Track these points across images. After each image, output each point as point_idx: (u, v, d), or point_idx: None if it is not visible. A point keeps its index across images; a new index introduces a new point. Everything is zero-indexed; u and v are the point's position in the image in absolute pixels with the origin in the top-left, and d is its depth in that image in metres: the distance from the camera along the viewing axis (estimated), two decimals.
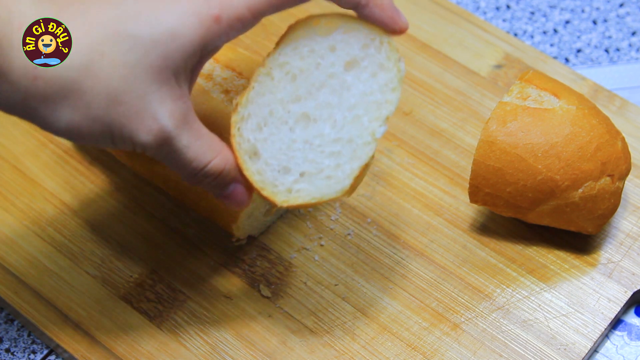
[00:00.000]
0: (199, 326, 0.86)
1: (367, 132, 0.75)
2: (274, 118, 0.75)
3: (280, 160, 0.75)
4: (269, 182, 0.75)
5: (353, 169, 0.75)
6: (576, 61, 1.07)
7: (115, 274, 0.89)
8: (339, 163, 0.75)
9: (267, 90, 0.75)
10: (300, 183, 0.75)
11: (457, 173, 0.94)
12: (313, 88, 0.75)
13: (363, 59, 0.75)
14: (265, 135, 0.75)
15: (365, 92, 0.75)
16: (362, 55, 0.75)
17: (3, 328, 0.89)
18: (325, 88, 0.75)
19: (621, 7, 1.11)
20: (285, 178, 0.75)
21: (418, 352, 0.84)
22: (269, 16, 0.75)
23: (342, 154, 0.75)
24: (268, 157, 0.75)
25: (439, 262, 0.89)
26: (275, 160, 0.75)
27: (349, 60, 0.75)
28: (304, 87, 0.75)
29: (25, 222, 0.92)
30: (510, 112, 0.85)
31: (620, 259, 0.89)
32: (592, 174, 0.84)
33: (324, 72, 0.75)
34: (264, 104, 0.75)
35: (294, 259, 0.89)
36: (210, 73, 0.87)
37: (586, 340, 0.84)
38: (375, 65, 0.75)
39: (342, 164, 0.75)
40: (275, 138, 0.75)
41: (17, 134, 0.97)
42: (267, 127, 0.75)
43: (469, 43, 1.03)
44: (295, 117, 0.75)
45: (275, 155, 0.75)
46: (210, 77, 0.87)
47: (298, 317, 0.86)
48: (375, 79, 0.75)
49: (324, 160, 0.75)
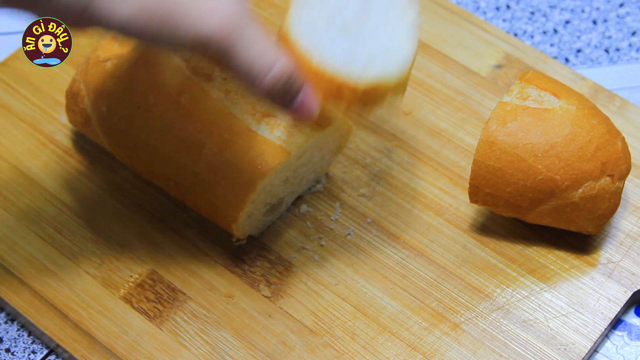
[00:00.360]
0: (199, 326, 0.86)
1: (406, 22, 0.81)
2: (324, 21, 0.78)
3: (344, 49, 0.77)
4: (339, 66, 0.76)
5: (410, 49, 0.80)
6: (576, 61, 1.07)
7: (115, 274, 0.89)
8: (397, 45, 0.79)
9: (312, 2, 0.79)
10: (370, 62, 0.78)
11: (457, 173, 0.94)
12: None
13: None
14: (322, 31, 0.78)
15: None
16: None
17: (3, 328, 0.89)
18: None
19: (621, 7, 1.11)
20: (355, 59, 0.77)
21: (418, 352, 0.84)
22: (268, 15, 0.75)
23: (395, 39, 0.80)
24: (332, 47, 0.77)
25: (439, 262, 0.89)
26: (340, 49, 0.77)
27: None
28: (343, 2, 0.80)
29: (25, 222, 0.92)
30: (510, 112, 0.85)
31: (620, 259, 0.89)
32: (592, 174, 0.84)
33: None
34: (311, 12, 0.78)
35: (294, 259, 0.89)
36: (211, 73, 0.87)
37: (586, 340, 0.84)
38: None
39: (399, 47, 0.80)
40: (332, 35, 0.78)
41: (17, 134, 0.97)
42: (321, 28, 0.78)
43: (469, 43, 1.03)
44: (343, 19, 0.79)
45: (338, 45, 0.77)
46: (210, 77, 0.87)
47: (298, 317, 0.86)
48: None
49: (383, 43, 0.79)
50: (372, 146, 0.96)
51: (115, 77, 0.89)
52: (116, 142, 0.89)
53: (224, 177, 0.84)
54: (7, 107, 0.99)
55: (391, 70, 0.79)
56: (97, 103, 0.89)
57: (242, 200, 0.84)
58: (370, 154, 0.96)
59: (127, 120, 0.87)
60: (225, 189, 0.84)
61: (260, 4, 1.03)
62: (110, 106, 0.88)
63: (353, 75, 0.77)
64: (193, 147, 0.85)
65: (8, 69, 1.02)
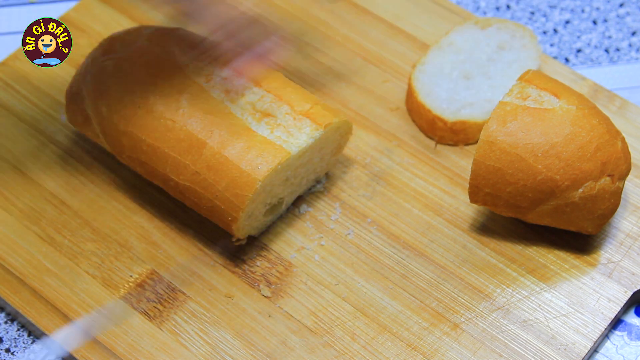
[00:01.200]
0: (199, 326, 0.86)
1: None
2: (443, 73, 0.97)
3: (448, 95, 0.96)
4: (439, 106, 0.95)
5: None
6: (576, 61, 1.07)
7: (115, 274, 0.89)
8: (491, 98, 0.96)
9: (439, 56, 0.99)
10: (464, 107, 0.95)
11: (457, 173, 0.94)
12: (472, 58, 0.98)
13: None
14: (437, 80, 0.97)
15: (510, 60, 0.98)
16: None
17: (3, 328, 0.89)
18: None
19: (621, 7, 1.11)
20: (452, 105, 0.95)
21: (418, 352, 0.84)
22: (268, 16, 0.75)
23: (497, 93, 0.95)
24: (440, 93, 0.96)
25: (439, 262, 0.89)
26: (445, 93, 0.96)
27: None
28: (465, 57, 0.98)
29: (25, 222, 0.92)
30: (510, 112, 0.85)
31: (620, 259, 0.89)
32: (592, 174, 0.84)
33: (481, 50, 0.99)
34: (436, 63, 0.98)
35: (294, 259, 0.89)
36: (211, 73, 0.87)
37: (586, 340, 0.84)
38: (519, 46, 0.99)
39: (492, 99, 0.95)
40: (443, 83, 0.96)
41: (17, 134, 0.97)
42: (437, 77, 0.97)
43: None
44: (463, 68, 0.98)
45: (444, 91, 0.96)
46: (210, 77, 0.87)
47: (298, 317, 0.86)
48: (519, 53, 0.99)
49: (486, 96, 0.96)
50: (372, 146, 0.96)
51: (115, 77, 0.89)
52: (116, 142, 0.89)
53: (224, 177, 0.84)
54: (7, 107, 0.99)
55: (479, 114, 0.94)
56: (97, 103, 0.89)
57: (242, 200, 0.84)
58: (370, 154, 0.96)
59: (127, 120, 0.87)
60: (225, 189, 0.84)
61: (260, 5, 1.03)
62: (110, 106, 0.88)
63: (445, 112, 0.94)
64: (193, 147, 0.85)
65: (8, 69, 1.02)
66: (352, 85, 1.01)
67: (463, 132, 0.95)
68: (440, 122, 0.94)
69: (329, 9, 1.06)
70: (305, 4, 1.07)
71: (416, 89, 0.96)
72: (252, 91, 0.87)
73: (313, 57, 1.03)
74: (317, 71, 1.02)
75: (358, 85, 1.01)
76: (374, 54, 1.03)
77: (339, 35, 1.04)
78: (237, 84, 0.87)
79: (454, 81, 0.97)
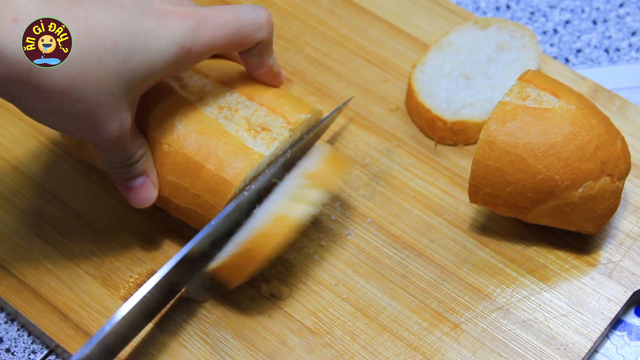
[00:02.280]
0: (199, 326, 0.86)
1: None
2: (443, 73, 0.98)
3: (448, 95, 0.96)
4: (439, 107, 0.95)
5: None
6: (576, 61, 1.07)
7: (115, 274, 0.89)
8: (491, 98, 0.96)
9: (438, 56, 0.99)
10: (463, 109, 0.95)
11: (457, 173, 0.94)
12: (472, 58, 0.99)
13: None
14: (437, 80, 0.97)
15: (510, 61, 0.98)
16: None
17: (3, 328, 0.89)
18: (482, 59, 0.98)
19: (621, 7, 1.11)
20: (453, 102, 0.95)
21: (418, 352, 0.84)
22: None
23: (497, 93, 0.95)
24: (439, 93, 0.96)
25: (439, 262, 0.89)
26: (445, 93, 0.96)
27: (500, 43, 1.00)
28: (465, 57, 0.99)
29: (26, 222, 0.92)
30: (510, 112, 0.85)
31: (620, 259, 0.89)
32: (592, 174, 0.84)
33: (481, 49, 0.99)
34: (436, 63, 0.99)
35: (294, 259, 0.89)
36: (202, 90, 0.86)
37: (586, 340, 0.84)
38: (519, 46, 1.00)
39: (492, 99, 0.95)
40: (443, 83, 0.96)
41: (18, 134, 0.97)
42: (437, 78, 0.97)
43: None
44: (463, 69, 0.98)
45: (444, 91, 0.96)
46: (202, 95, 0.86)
47: (298, 317, 0.86)
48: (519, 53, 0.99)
49: (486, 96, 0.96)
50: (372, 146, 0.96)
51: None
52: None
53: (224, 199, 0.83)
54: (7, 107, 0.99)
55: (479, 114, 0.94)
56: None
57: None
58: (370, 154, 0.96)
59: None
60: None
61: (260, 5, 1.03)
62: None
63: (445, 112, 0.94)
64: (191, 170, 0.84)
65: None
66: (352, 85, 1.01)
67: (463, 132, 0.95)
68: (440, 122, 0.94)
69: (329, 9, 1.06)
70: (305, 4, 1.07)
71: (416, 89, 0.96)
72: (245, 105, 0.87)
73: (313, 57, 1.03)
74: (317, 71, 1.02)
75: (358, 85, 1.01)
76: (373, 54, 1.03)
77: (338, 35, 1.04)
78: (229, 99, 0.86)
79: (454, 81, 0.97)
